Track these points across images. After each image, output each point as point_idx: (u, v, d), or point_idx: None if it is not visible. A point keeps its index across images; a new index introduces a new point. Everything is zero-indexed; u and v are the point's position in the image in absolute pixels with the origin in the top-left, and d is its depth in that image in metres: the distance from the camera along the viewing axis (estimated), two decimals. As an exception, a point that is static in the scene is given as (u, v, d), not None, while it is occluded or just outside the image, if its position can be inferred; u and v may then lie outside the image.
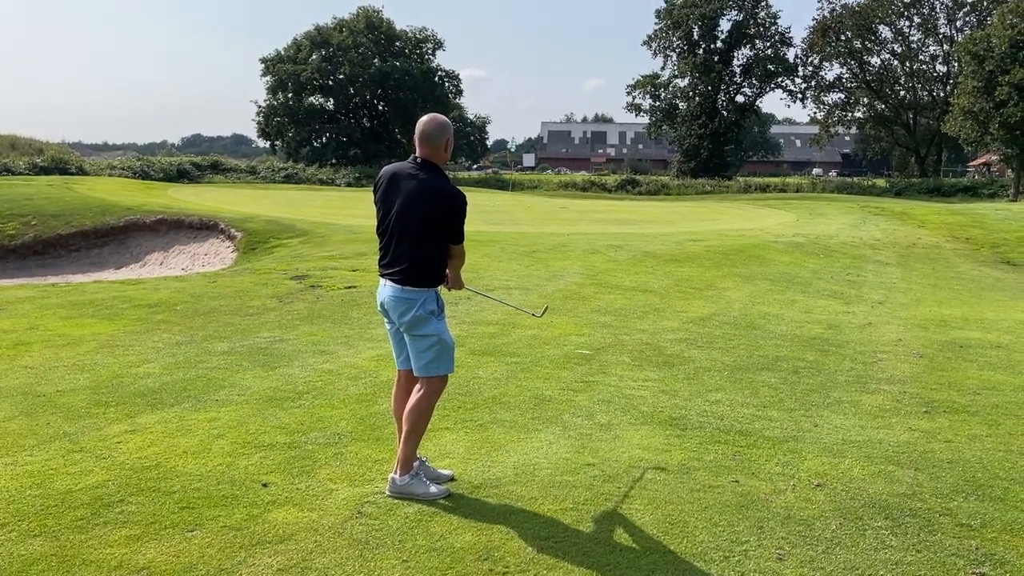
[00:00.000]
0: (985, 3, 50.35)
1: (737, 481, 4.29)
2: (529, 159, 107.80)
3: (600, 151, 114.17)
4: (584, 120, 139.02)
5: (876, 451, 4.85)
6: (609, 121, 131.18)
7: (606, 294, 10.56)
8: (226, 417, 5.13)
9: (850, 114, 56.32)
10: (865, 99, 55.29)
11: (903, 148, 59.06)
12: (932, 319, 10.00)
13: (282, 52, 56.18)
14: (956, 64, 48.17)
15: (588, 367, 6.76)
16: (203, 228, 17.25)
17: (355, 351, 7.08)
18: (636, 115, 59.13)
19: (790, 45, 54.77)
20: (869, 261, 15.54)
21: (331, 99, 57.30)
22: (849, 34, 52.51)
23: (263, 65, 55.78)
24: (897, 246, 18.00)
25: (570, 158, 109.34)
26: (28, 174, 31.67)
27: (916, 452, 4.85)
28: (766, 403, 5.86)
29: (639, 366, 6.87)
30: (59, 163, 34.92)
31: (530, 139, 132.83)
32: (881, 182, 50.53)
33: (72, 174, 32.85)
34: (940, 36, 53.09)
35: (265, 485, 4.07)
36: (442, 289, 4.18)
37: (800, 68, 54.90)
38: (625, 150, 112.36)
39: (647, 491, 4.13)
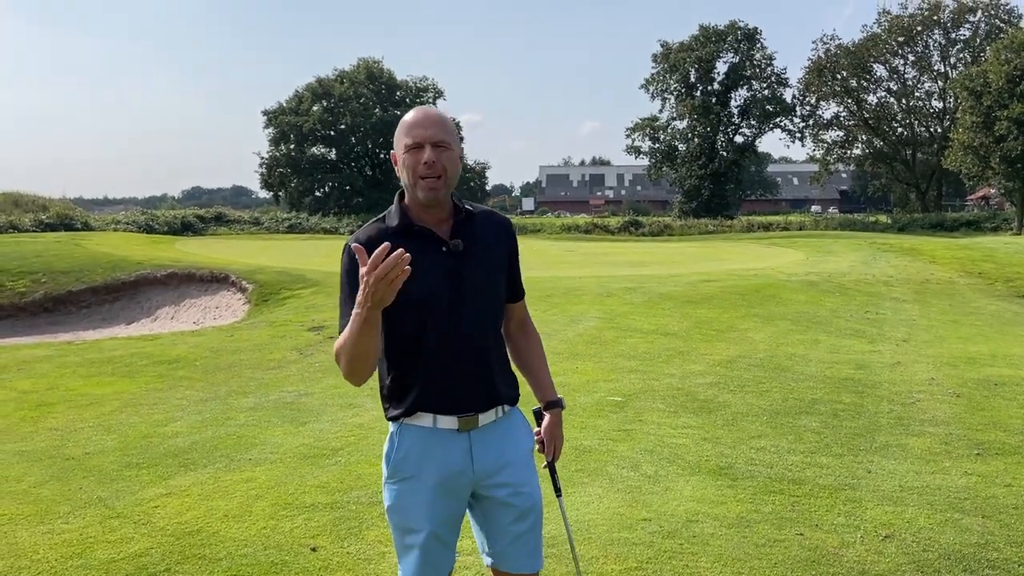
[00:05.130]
0: (978, 41, 51.05)
1: (802, 534, 4.13)
2: (528, 203, 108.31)
3: (599, 193, 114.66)
4: (582, 163, 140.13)
5: (937, 498, 4.69)
6: (607, 164, 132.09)
7: (627, 338, 10.43)
8: (262, 477, 4.98)
9: (849, 152, 56.78)
10: (863, 136, 55.79)
11: (903, 184, 59.40)
12: (960, 356, 9.85)
13: (284, 104, 56.83)
14: (953, 100, 48.64)
15: (623, 414, 6.62)
16: (214, 281, 17.17)
17: (384, 404, 6.93)
18: (636, 157, 59.54)
19: (787, 85, 55.30)
20: (885, 298, 15.42)
21: (333, 149, 57.77)
22: (844, 73, 53.16)
23: (265, 117, 56.40)
24: (911, 282, 17.89)
25: (569, 201, 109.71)
26: (34, 231, 31.75)
27: (979, 498, 4.69)
28: (813, 449, 5.70)
29: (675, 412, 6.72)
30: (64, 219, 34.97)
31: (528, 183, 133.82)
32: (884, 218, 50.66)
33: (78, 230, 32.90)
34: (935, 73, 53.75)
35: (314, 549, 3.92)
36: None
37: (797, 108, 55.45)
38: (624, 192, 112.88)
39: (710, 547, 3.97)
